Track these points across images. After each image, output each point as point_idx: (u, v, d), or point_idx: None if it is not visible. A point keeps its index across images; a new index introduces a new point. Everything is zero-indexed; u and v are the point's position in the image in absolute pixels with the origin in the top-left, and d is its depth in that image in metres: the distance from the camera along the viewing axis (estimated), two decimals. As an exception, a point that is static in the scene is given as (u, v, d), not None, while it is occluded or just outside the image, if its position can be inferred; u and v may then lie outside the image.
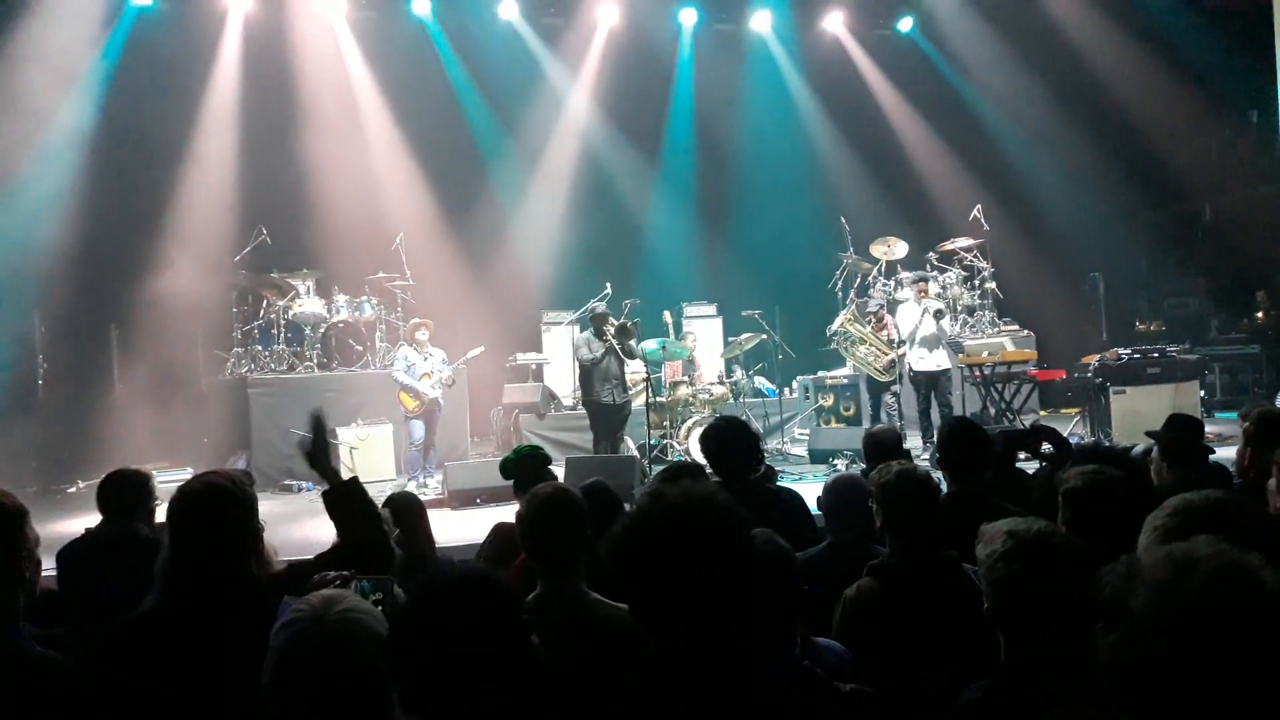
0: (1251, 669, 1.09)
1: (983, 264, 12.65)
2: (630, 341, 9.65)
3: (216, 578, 2.36)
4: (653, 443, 9.98)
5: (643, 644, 2.45)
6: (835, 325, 10.89)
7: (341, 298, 11.29)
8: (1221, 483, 3.94)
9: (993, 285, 12.65)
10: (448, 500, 8.76)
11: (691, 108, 14.43)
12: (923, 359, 9.97)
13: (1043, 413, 12.17)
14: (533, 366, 12.63)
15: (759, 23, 14.77)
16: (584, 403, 9.94)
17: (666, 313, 12.16)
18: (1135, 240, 14.92)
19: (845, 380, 11.98)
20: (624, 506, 3.81)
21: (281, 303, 11.09)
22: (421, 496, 7.85)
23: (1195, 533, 1.28)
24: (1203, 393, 10.87)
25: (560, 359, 12.71)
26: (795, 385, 13.05)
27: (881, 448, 4.62)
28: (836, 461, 9.73)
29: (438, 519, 5.18)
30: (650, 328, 11.82)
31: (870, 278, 12.66)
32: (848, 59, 15.20)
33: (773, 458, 9.66)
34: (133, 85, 11.69)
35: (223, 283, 11.45)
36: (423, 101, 13.55)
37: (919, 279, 10.89)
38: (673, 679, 1.59)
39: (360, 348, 11.46)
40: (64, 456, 11.11)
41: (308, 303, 11.12)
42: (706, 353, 12.77)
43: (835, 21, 14.97)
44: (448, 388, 9.89)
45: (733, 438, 4.12)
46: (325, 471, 2.85)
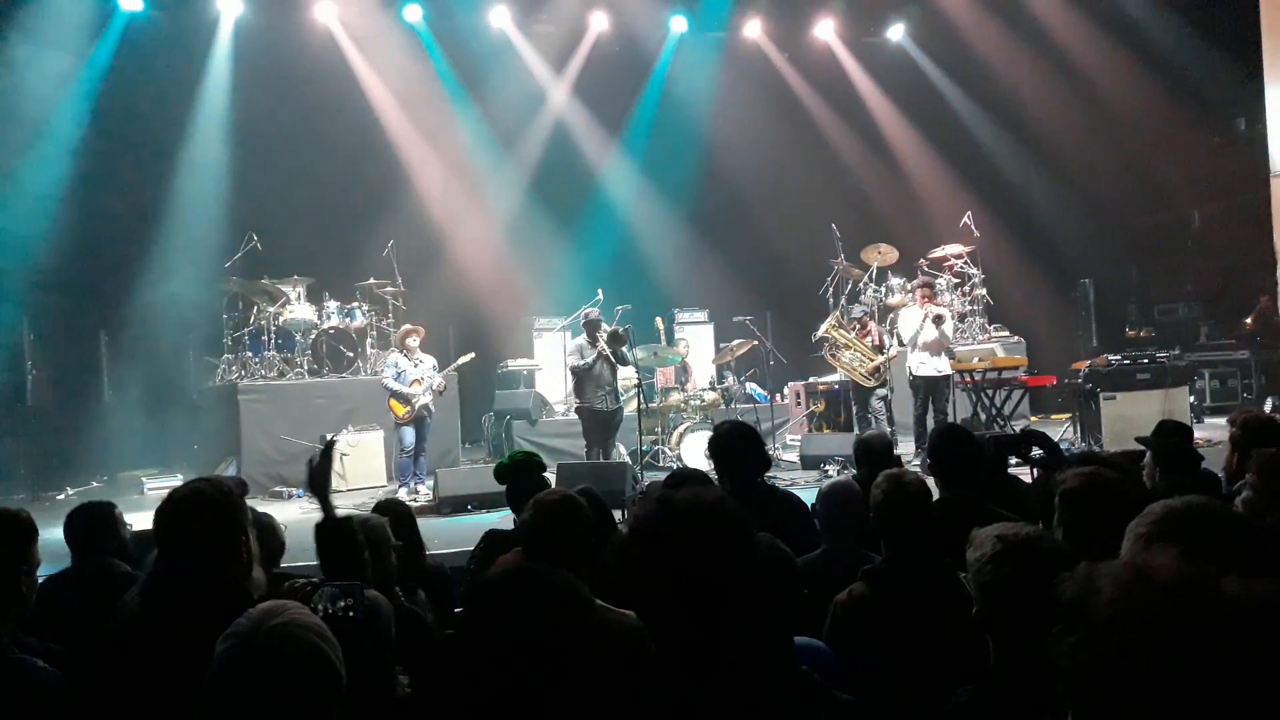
0: (1207, 676, 1.08)
1: (973, 271, 12.70)
2: (622, 348, 9.65)
3: (202, 584, 2.35)
4: (644, 449, 9.98)
5: (646, 649, 2.45)
6: (820, 331, 10.91)
7: (332, 304, 11.28)
8: (1212, 489, 3.96)
9: (983, 292, 12.70)
10: (439, 506, 8.74)
11: (683, 115, 14.44)
12: (923, 364, 9.97)
13: (1033, 418, 12.20)
14: (524, 373, 12.63)
15: (750, 30, 14.84)
16: (576, 409, 9.93)
17: (658, 319, 12.17)
18: (1125, 247, 14.98)
19: (836, 386, 12.00)
20: (613, 514, 3.82)
21: (272, 309, 11.07)
22: (412, 503, 7.88)
23: (1178, 539, 1.28)
24: (1192, 398, 10.92)
25: (551, 365, 12.70)
26: (787, 391, 13.07)
27: (872, 453, 4.64)
28: (828, 467, 9.75)
29: (428, 526, 5.16)
30: (642, 334, 11.83)
31: (861, 284, 12.70)
32: (838, 66, 15.25)
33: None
34: (123, 91, 11.68)
35: (213, 289, 11.44)
36: (414, 107, 13.56)
37: (924, 284, 10.75)
38: (679, 683, 1.58)
39: (351, 354, 11.44)
40: (53, 463, 11.07)
41: (298, 309, 11.11)
42: (698, 359, 12.78)
43: (826, 29, 15.04)
44: (438, 394, 9.88)
45: (742, 443, 4.10)
46: (323, 501, 2.85)
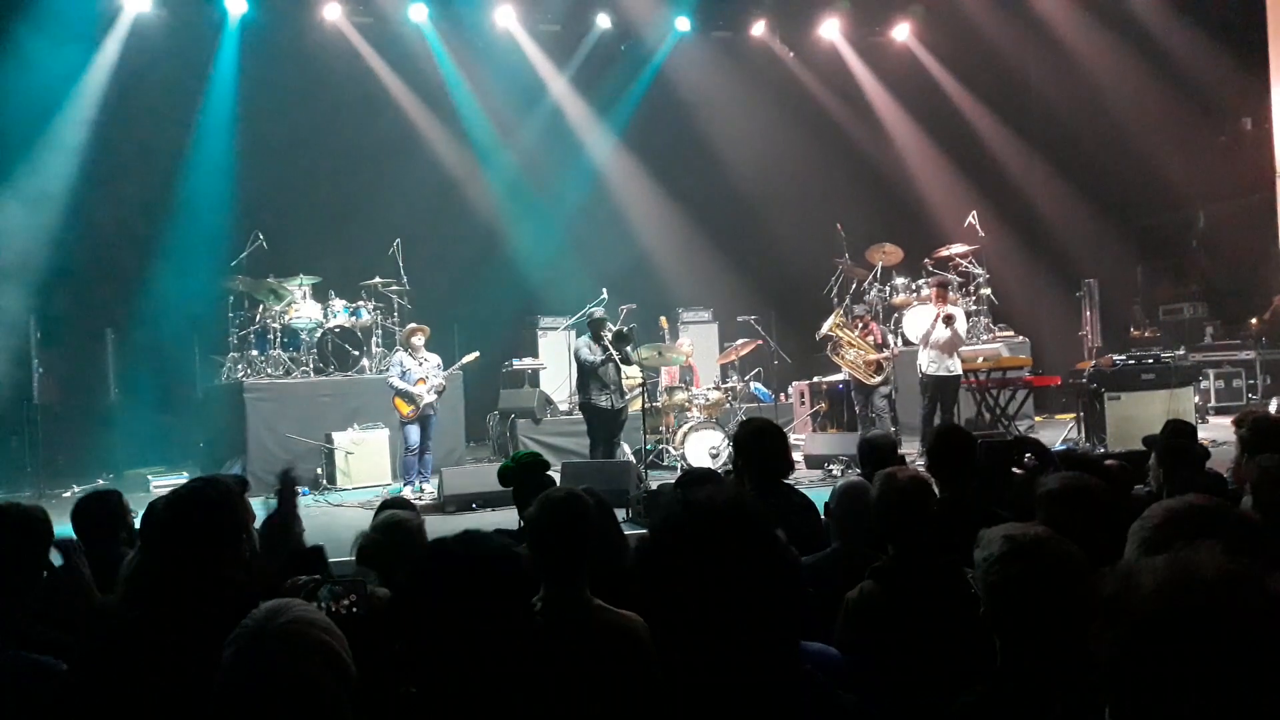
0: (1248, 670, 1.10)
1: (978, 270, 12.67)
2: (627, 348, 9.66)
3: (197, 583, 2.36)
4: (649, 448, 9.98)
5: (645, 649, 2.45)
6: (824, 329, 10.90)
7: (338, 303, 11.29)
8: (1216, 489, 3.96)
9: (988, 292, 12.68)
10: (443, 505, 8.75)
11: (688, 114, 14.44)
12: (934, 363, 9.96)
13: (1037, 419, 12.18)
14: (528, 372, 12.63)
15: (756, 29, 14.83)
16: (581, 406, 9.93)
17: (663, 318, 12.18)
18: (1130, 247, 14.96)
19: (840, 385, 11.99)
20: (615, 513, 3.81)
21: (278, 307, 11.09)
22: (416, 502, 7.88)
23: (1179, 540, 1.29)
24: (1197, 399, 10.89)
25: (556, 364, 12.70)
26: (791, 390, 13.06)
27: (877, 453, 4.64)
28: (832, 466, 9.74)
29: (433, 524, 5.17)
30: (646, 333, 11.84)
31: (865, 284, 12.69)
32: (844, 66, 15.24)
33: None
34: (130, 89, 11.71)
35: (219, 287, 11.45)
36: (420, 107, 13.57)
37: (940, 283, 10.67)
38: (690, 683, 1.58)
39: (356, 353, 11.46)
40: (60, 461, 11.09)
41: (304, 308, 11.12)
42: (703, 358, 12.77)
43: (831, 28, 15.02)
44: (440, 393, 9.89)
45: (771, 442, 4.07)
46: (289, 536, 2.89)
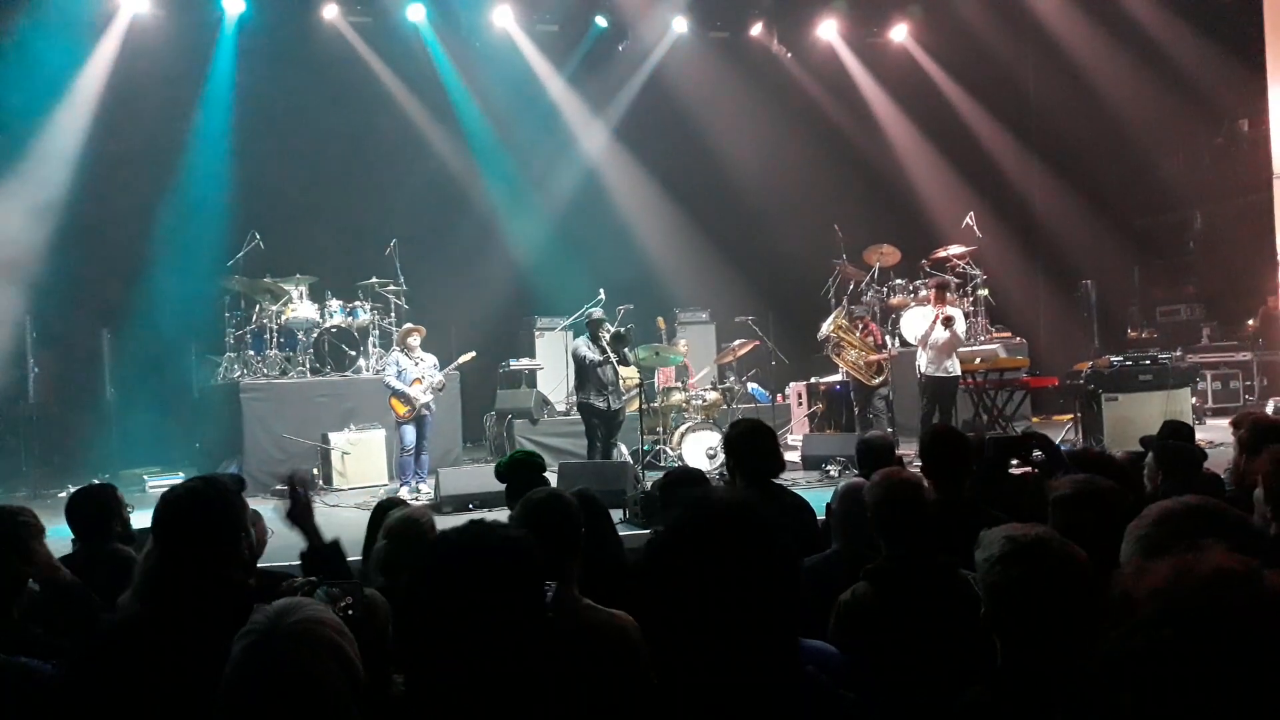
0: (1249, 665, 1.12)
1: (975, 271, 12.68)
2: (625, 348, 9.65)
3: (198, 583, 2.35)
4: (646, 449, 9.98)
5: (635, 649, 2.43)
6: (824, 329, 10.88)
7: (335, 303, 11.27)
8: (1214, 490, 3.95)
9: (985, 293, 12.69)
10: (440, 506, 8.73)
11: (686, 114, 14.42)
12: (932, 364, 9.97)
13: (1035, 419, 12.17)
14: (525, 372, 12.62)
15: (753, 30, 14.82)
16: (578, 406, 9.92)
17: (660, 319, 12.16)
18: (1127, 248, 14.96)
19: (838, 385, 11.99)
20: (610, 513, 3.80)
21: (275, 308, 11.07)
22: (413, 502, 7.87)
23: (1176, 540, 1.30)
24: (1194, 400, 10.91)
25: (553, 365, 12.69)
26: (788, 391, 13.06)
27: (874, 454, 4.64)
28: (829, 467, 9.73)
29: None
30: (643, 333, 11.83)
31: (862, 285, 12.69)
32: (841, 66, 15.23)
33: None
34: (126, 90, 11.68)
35: (216, 287, 11.43)
36: (418, 107, 13.55)
37: (939, 284, 10.60)
38: (700, 685, 1.57)
39: (353, 353, 11.44)
40: (55, 461, 11.06)
41: (301, 308, 11.10)
42: (699, 359, 12.77)
43: (829, 29, 15.02)
44: (437, 393, 9.88)
45: (762, 442, 4.08)
46: (308, 532, 2.91)
